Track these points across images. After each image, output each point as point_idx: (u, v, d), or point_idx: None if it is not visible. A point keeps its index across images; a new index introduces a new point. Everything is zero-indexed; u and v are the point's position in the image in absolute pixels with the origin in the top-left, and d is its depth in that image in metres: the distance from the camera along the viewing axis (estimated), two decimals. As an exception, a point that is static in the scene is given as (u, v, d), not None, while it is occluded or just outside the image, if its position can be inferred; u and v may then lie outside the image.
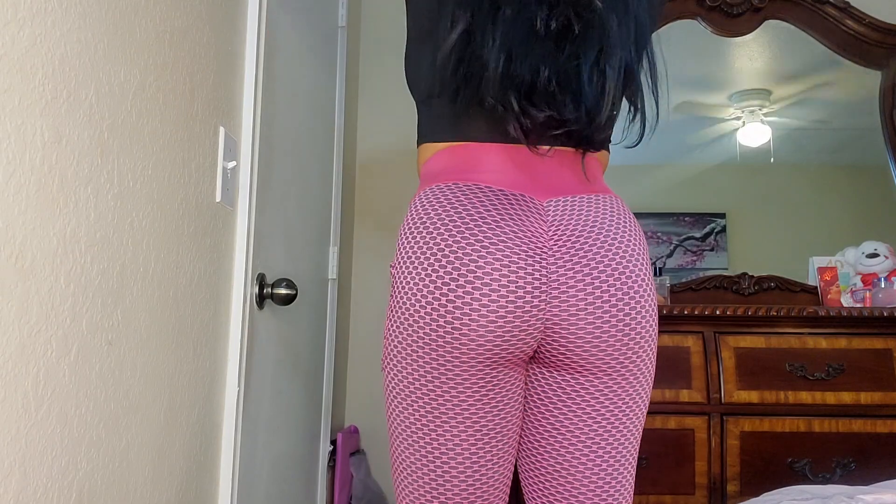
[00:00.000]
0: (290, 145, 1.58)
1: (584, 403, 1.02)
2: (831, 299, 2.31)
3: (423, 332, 0.96)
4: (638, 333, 1.00)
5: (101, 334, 0.86)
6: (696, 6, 2.59)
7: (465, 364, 0.97)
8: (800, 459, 1.98)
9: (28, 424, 0.73)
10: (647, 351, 1.03)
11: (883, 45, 2.56)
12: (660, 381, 2.01)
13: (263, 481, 1.45)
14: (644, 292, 1.01)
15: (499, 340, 0.95)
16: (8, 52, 0.70)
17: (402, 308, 0.98)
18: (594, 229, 1.00)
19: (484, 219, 0.97)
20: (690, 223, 2.60)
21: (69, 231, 0.80)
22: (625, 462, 1.05)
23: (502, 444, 1.03)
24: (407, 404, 1.01)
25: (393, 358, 1.01)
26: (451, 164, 1.03)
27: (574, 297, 0.97)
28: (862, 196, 2.65)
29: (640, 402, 1.05)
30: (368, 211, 2.64)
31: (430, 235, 0.97)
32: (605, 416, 1.02)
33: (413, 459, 1.03)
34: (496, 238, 0.95)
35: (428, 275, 0.96)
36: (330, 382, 1.98)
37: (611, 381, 1.02)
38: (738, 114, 2.66)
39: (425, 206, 1.01)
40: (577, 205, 1.02)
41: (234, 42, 1.29)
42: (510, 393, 1.02)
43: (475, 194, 0.99)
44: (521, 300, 0.95)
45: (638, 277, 1.00)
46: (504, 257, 0.95)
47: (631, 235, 1.03)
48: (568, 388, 1.02)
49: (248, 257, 1.31)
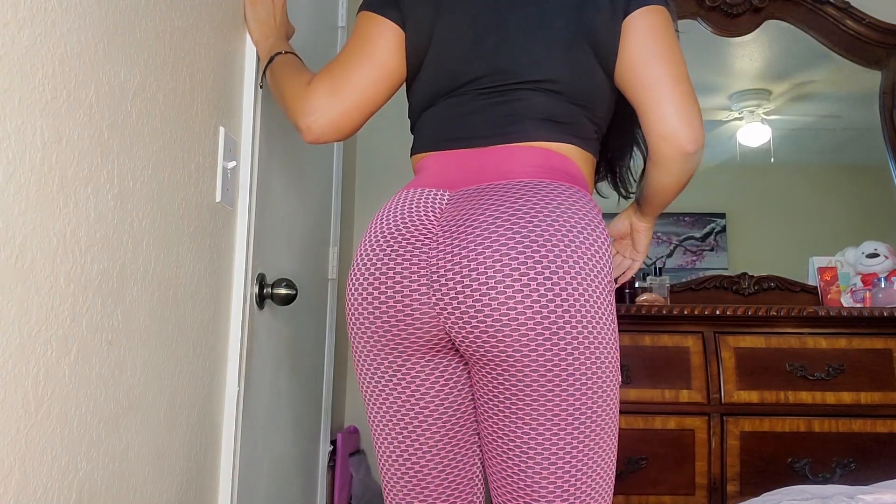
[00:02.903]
0: (290, 145, 1.58)
1: (492, 395, 0.98)
2: (831, 299, 2.31)
3: (354, 322, 1.05)
4: (512, 323, 0.91)
5: (101, 334, 0.86)
6: (696, 6, 2.59)
7: (381, 350, 1.03)
8: (800, 459, 1.98)
9: (28, 424, 0.73)
10: (540, 344, 0.91)
11: (883, 45, 2.56)
12: (660, 381, 2.01)
13: (263, 481, 1.45)
14: (523, 283, 0.91)
15: (395, 329, 1.00)
16: (8, 52, 0.70)
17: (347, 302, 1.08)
18: (485, 214, 0.96)
19: (395, 218, 1.04)
20: (690, 223, 2.60)
21: (69, 231, 0.80)
22: (572, 460, 0.95)
23: (425, 435, 1.05)
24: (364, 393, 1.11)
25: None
26: None
27: (454, 288, 0.95)
28: (862, 196, 2.65)
29: (564, 395, 0.93)
30: (368, 211, 2.64)
31: (365, 240, 1.08)
32: (511, 409, 0.95)
33: (377, 432, 1.10)
34: (397, 233, 1.03)
35: (356, 275, 1.05)
36: (330, 382, 1.98)
37: (516, 371, 0.93)
38: (738, 114, 2.66)
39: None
40: (480, 193, 1.00)
41: (234, 42, 1.29)
42: (426, 382, 1.04)
43: (397, 199, 1.08)
44: (409, 289, 0.99)
45: (529, 263, 0.91)
46: (399, 246, 1.01)
47: (536, 222, 0.94)
48: (486, 383, 0.98)
49: (248, 257, 1.31)
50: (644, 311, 2.04)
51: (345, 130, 1.15)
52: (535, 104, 1.06)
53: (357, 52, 1.15)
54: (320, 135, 1.14)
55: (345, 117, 1.13)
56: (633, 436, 1.97)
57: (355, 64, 1.14)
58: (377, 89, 1.14)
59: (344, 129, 1.15)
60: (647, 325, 2.04)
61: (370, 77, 1.13)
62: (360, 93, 1.13)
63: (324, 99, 1.12)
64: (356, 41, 1.16)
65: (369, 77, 1.13)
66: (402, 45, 1.14)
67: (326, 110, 1.12)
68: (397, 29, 1.13)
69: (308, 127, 1.14)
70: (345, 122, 1.14)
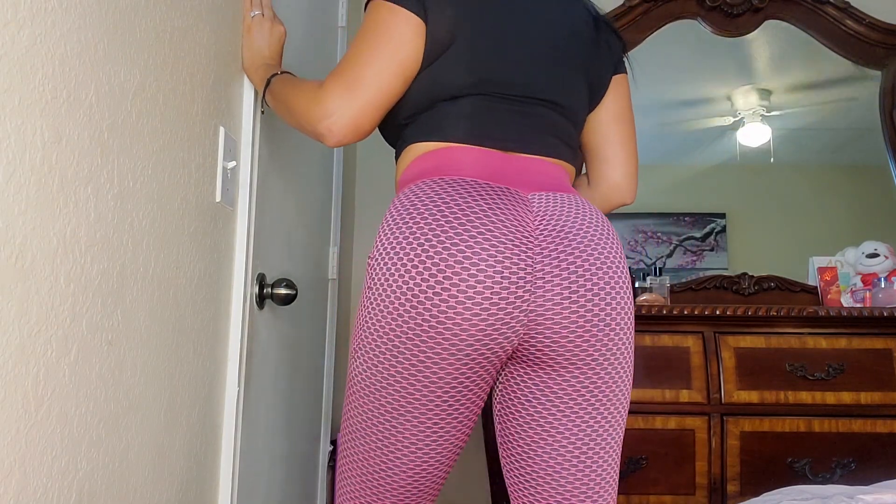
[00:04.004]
0: (291, 145, 1.58)
1: (566, 398, 1.02)
2: (831, 299, 2.31)
3: (406, 326, 0.96)
4: (618, 325, 1.02)
5: (101, 334, 0.86)
6: (696, 6, 2.59)
7: (442, 362, 0.96)
8: (800, 459, 1.98)
9: (28, 424, 0.73)
10: (626, 344, 1.04)
11: (883, 45, 2.56)
12: (660, 381, 2.01)
13: (263, 481, 1.45)
14: (623, 287, 1.03)
15: (481, 335, 0.95)
16: (8, 52, 0.70)
17: (382, 300, 0.98)
18: (577, 222, 1.02)
19: (472, 208, 0.98)
20: (690, 223, 2.60)
21: (69, 231, 0.80)
22: (609, 459, 1.04)
23: (451, 451, 1.04)
24: (372, 399, 1.01)
25: (367, 351, 1.01)
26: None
27: (559, 285, 0.98)
28: (862, 196, 2.65)
29: (622, 398, 1.05)
30: (368, 211, 2.64)
31: (416, 226, 0.97)
32: (587, 411, 1.02)
33: (364, 452, 1.05)
34: (483, 228, 0.96)
35: (415, 266, 0.95)
36: (330, 382, 1.98)
37: (593, 374, 1.01)
38: (738, 114, 2.66)
39: (410, 198, 1.02)
40: (558, 199, 1.05)
41: (234, 42, 1.29)
42: (477, 400, 1.02)
43: (460, 186, 1.01)
44: (507, 291, 0.95)
45: (618, 270, 1.03)
46: (491, 247, 0.95)
47: (608, 233, 1.06)
48: (545, 386, 1.02)
49: (248, 257, 1.31)
50: (644, 311, 2.04)
51: (364, 129, 1.09)
52: (553, 122, 1.13)
53: (371, 46, 1.08)
54: (342, 136, 1.08)
55: (362, 115, 1.07)
56: (634, 436, 1.97)
57: (369, 59, 1.07)
58: (393, 84, 1.08)
59: (363, 128, 1.09)
60: (647, 325, 2.04)
61: (386, 72, 1.07)
62: (375, 89, 1.06)
63: (339, 100, 1.06)
64: (370, 34, 1.09)
65: (385, 72, 1.07)
66: (420, 37, 1.08)
67: (344, 111, 1.06)
68: (417, 20, 1.08)
69: (329, 129, 1.07)
70: (363, 120, 1.07)
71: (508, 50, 1.10)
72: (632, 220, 2.59)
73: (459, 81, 1.08)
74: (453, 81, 1.08)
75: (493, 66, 1.09)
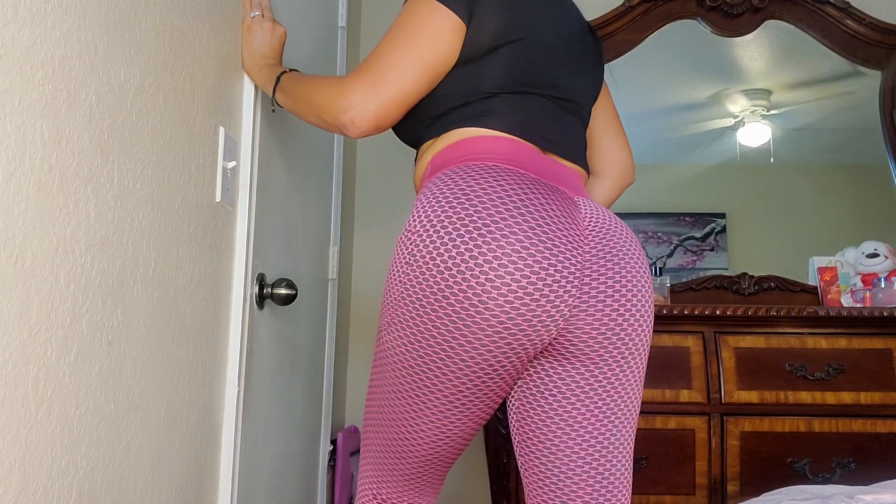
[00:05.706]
0: (291, 145, 1.58)
1: (593, 394, 1.04)
2: (831, 299, 2.31)
3: (451, 309, 0.96)
4: (647, 325, 1.07)
5: (101, 334, 0.86)
6: (696, 6, 2.59)
7: (479, 345, 0.97)
8: (800, 459, 1.98)
9: (28, 424, 0.73)
10: (647, 345, 1.10)
11: (883, 45, 2.56)
12: (660, 381, 2.01)
13: (263, 481, 1.45)
14: (650, 290, 1.09)
15: (525, 324, 0.96)
16: (8, 52, 0.70)
17: (426, 277, 0.97)
18: (612, 226, 1.07)
19: (531, 199, 0.99)
20: (690, 223, 2.60)
21: (69, 231, 0.80)
22: (628, 456, 1.08)
23: (472, 428, 1.07)
24: (401, 374, 1.03)
25: (402, 327, 1.01)
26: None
27: (604, 283, 1.02)
28: (862, 196, 2.65)
29: (638, 396, 1.10)
30: (368, 211, 2.64)
31: (473, 207, 0.97)
32: (611, 408, 1.05)
33: (387, 423, 1.07)
34: (542, 220, 0.98)
35: (469, 249, 0.95)
36: (330, 382, 1.98)
37: (620, 371, 1.05)
38: (738, 114, 2.66)
39: (464, 177, 1.01)
40: (593, 205, 1.10)
41: (234, 42, 1.29)
42: (504, 387, 1.04)
43: (519, 177, 1.03)
44: (557, 284, 0.97)
45: (646, 275, 1.09)
46: (548, 239, 0.97)
47: (635, 239, 1.12)
48: (571, 381, 1.04)
49: (248, 257, 1.31)
50: (644, 311, 2.04)
51: (386, 123, 1.09)
52: (578, 128, 1.18)
53: (403, 41, 1.08)
54: (365, 128, 1.07)
55: (384, 110, 1.07)
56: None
57: (398, 55, 1.07)
58: (418, 81, 1.08)
59: (384, 123, 1.08)
60: (647, 325, 2.04)
61: (413, 69, 1.06)
62: (399, 86, 1.06)
63: (362, 94, 1.06)
64: (403, 28, 1.08)
65: (411, 69, 1.06)
66: (458, 37, 1.07)
67: (367, 104, 1.06)
68: (457, 20, 1.07)
69: (351, 121, 1.07)
70: (384, 115, 1.07)
71: (554, 53, 1.14)
72: (632, 220, 2.59)
73: (506, 80, 1.09)
74: (500, 80, 1.09)
75: (543, 66, 1.12)
